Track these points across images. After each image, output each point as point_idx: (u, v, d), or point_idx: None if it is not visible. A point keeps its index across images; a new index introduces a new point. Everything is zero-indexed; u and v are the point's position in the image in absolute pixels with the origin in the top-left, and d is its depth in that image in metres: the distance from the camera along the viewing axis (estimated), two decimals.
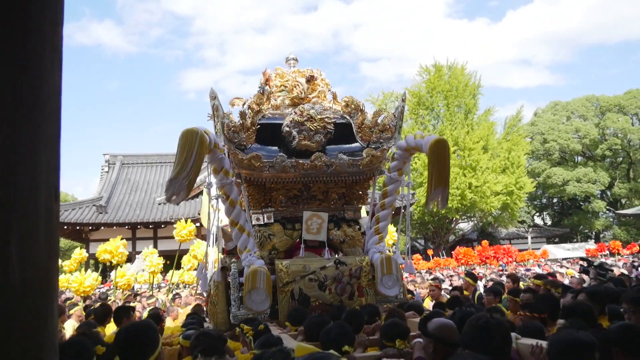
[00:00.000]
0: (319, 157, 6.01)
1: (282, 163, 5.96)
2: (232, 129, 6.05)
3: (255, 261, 5.64)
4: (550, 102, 49.58)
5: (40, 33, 1.05)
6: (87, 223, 27.13)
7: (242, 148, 6.09)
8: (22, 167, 1.01)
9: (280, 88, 6.62)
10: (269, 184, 6.26)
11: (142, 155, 36.09)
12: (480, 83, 36.30)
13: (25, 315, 1.02)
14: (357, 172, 6.23)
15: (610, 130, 45.02)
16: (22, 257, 1.00)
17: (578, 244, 39.90)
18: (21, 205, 1.00)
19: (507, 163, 33.73)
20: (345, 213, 6.57)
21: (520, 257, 26.76)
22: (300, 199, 6.41)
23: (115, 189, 31.39)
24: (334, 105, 6.69)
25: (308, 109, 6.18)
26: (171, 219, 27.83)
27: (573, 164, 45.82)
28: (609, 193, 46.69)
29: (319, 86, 6.72)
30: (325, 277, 5.73)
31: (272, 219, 6.29)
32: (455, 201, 31.52)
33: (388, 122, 6.55)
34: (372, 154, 6.15)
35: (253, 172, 5.98)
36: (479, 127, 34.10)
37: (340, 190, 6.57)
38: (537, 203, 50.59)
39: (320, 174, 6.15)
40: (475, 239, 40.36)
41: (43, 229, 1.04)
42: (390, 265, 5.83)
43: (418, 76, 37.12)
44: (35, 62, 1.05)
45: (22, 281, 1.01)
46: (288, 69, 6.96)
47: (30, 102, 1.02)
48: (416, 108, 35.93)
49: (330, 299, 5.68)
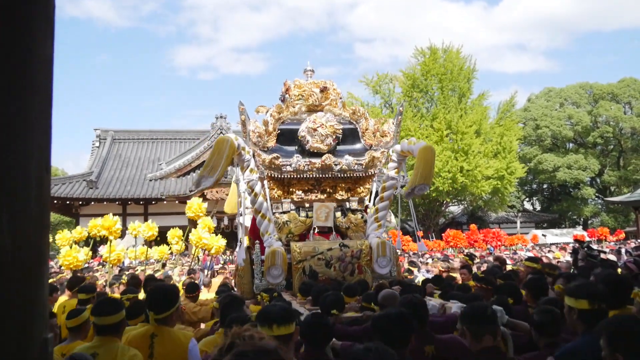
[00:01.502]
0: (328, 158, 7.34)
1: (298, 162, 7.31)
2: (257, 134, 7.36)
3: (274, 243, 6.93)
4: (544, 89, 49.65)
5: (32, 3, 1.03)
6: (77, 198, 27.02)
7: (265, 150, 7.40)
8: (13, 138, 1.00)
9: (298, 97, 7.75)
10: (287, 180, 7.55)
11: (134, 131, 35.86)
12: (475, 67, 36.24)
13: (16, 287, 1.02)
14: (360, 170, 7.51)
15: (602, 118, 45.21)
16: (13, 229, 0.99)
17: (566, 230, 40.30)
18: (12, 176, 0.99)
19: (499, 148, 33.80)
20: (350, 204, 7.89)
21: (509, 242, 27.01)
22: (313, 191, 7.73)
23: (106, 165, 31.23)
24: (343, 112, 7.86)
25: (320, 117, 7.43)
26: (162, 195, 27.78)
27: (564, 151, 46.06)
28: (599, 180, 47.06)
29: (331, 95, 7.86)
30: (331, 257, 6.93)
31: (289, 208, 7.69)
32: (446, 184, 31.63)
33: (388, 129, 7.83)
34: (373, 155, 7.50)
35: (274, 169, 7.32)
36: (473, 112, 34.09)
37: (347, 185, 7.84)
38: (527, 188, 50.92)
39: (330, 172, 7.42)
40: (465, 222, 40.65)
41: (34, 200, 1.03)
42: (385, 248, 7.06)
43: (413, 58, 36.96)
44: (27, 32, 1.02)
45: (13, 254, 1.00)
46: (305, 79, 8.13)
47: (21, 72, 1.01)
48: (410, 90, 35.82)
49: (335, 275, 6.87)
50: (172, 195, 27.71)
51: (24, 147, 1.02)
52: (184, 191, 27.92)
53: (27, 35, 1.04)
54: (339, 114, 7.75)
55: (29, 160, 1.03)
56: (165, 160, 31.95)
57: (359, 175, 7.56)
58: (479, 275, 5.95)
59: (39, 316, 1.05)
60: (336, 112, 7.74)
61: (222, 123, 31.66)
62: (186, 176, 30.41)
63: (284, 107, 7.64)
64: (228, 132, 31.35)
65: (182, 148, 34.07)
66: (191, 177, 30.20)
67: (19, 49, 1.02)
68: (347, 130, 7.72)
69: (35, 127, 1.03)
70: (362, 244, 7.13)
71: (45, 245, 1.08)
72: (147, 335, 3.45)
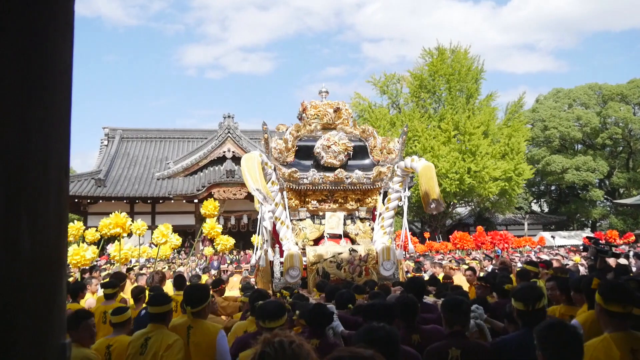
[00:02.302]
0: (340, 172, 8.31)
1: (314, 176, 8.31)
2: (278, 151, 8.30)
3: (292, 247, 7.90)
4: (552, 89, 49.37)
5: (52, 10, 1.04)
6: (85, 196, 27.13)
7: (285, 164, 8.35)
8: (34, 143, 1.01)
9: (314, 116, 8.69)
10: (303, 191, 8.51)
11: (142, 130, 36.00)
12: (483, 68, 36.11)
13: (35, 290, 1.03)
14: (368, 183, 8.47)
15: (611, 119, 44.88)
16: (33, 232, 1.00)
17: (574, 232, 40.07)
18: (32, 180, 1.00)
19: (507, 149, 33.67)
20: (359, 213, 8.79)
21: (517, 243, 26.87)
22: (326, 201, 8.65)
23: (114, 163, 31.36)
24: (354, 131, 8.74)
25: (334, 135, 8.35)
26: (169, 194, 27.87)
27: (573, 152, 45.78)
28: (608, 182, 46.72)
29: (343, 115, 8.76)
30: (341, 260, 7.80)
31: (305, 216, 8.62)
32: (453, 185, 31.54)
33: (393, 147, 8.77)
34: (380, 170, 8.47)
35: (292, 182, 8.32)
36: (480, 112, 33.97)
37: (356, 196, 8.73)
38: (535, 190, 50.66)
39: (341, 184, 8.39)
40: (472, 223, 40.50)
41: (53, 205, 1.04)
42: (389, 253, 7.90)
43: (421, 59, 36.90)
44: (47, 38, 1.04)
45: (32, 257, 1.01)
46: (320, 100, 9.09)
47: (42, 77, 1.02)
48: (418, 91, 35.75)
49: (345, 276, 7.68)
50: (180, 195, 27.79)
51: (43, 152, 1.03)
52: (192, 190, 27.99)
53: (47, 42, 1.05)
54: (350, 132, 8.67)
55: (48, 164, 1.04)
56: (172, 160, 32.04)
57: (368, 187, 8.54)
58: (480, 276, 6.81)
59: (57, 321, 1.06)
60: (347, 131, 8.66)
61: (229, 122, 31.70)
62: (194, 175, 30.48)
63: (302, 126, 8.59)
64: (236, 131, 31.41)
65: (189, 147, 34.15)
66: (198, 176, 30.28)
67: (39, 55, 1.03)
68: (357, 147, 8.63)
69: (54, 132, 1.04)
70: (369, 248, 8.02)
71: (64, 249, 1.09)
72: (184, 326, 4.12)
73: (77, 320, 3.95)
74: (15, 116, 0.97)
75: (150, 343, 3.84)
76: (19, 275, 0.98)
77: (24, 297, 1.01)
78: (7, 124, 0.98)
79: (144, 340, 3.87)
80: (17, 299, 1.00)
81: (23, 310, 1.01)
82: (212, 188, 27.27)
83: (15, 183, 0.98)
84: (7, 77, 0.99)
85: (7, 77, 0.99)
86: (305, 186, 8.37)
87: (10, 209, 0.98)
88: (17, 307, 1.00)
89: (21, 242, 0.99)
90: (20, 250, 0.99)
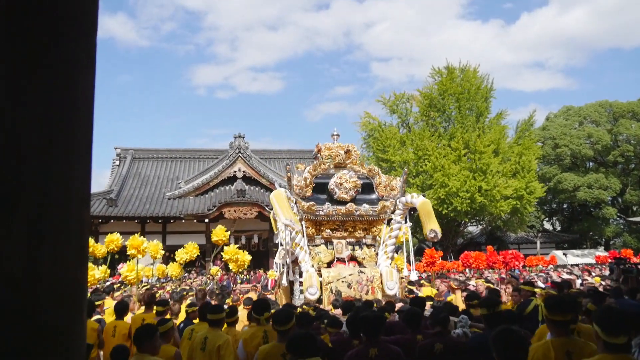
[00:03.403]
0: (351, 205, 9.66)
1: (328, 208, 9.70)
2: (299, 187, 9.69)
3: (309, 268, 9.14)
4: (562, 107, 49.27)
5: (76, 45, 1.07)
6: (97, 216, 27.28)
7: (304, 198, 9.66)
8: (56, 175, 1.03)
9: (328, 157, 10.08)
10: (319, 221, 9.84)
11: (153, 150, 36.30)
12: (493, 86, 36.15)
13: (55, 318, 1.04)
14: (374, 215, 9.83)
15: (623, 137, 44.62)
16: (54, 261, 1.02)
17: (588, 250, 39.63)
18: (54, 212, 1.03)
19: (518, 167, 33.52)
20: (366, 240, 10.10)
21: (528, 262, 26.54)
22: (338, 230, 9.94)
23: (125, 183, 31.58)
24: (362, 170, 10.12)
25: (345, 174, 9.72)
26: (180, 214, 27.97)
27: (584, 170, 45.48)
28: (620, 200, 46.28)
29: (352, 155, 10.17)
30: (351, 280, 9.04)
31: (320, 242, 9.89)
32: (464, 204, 31.40)
33: (395, 184, 10.09)
34: (384, 204, 9.83)
35: (310, 213, 9.65)
36: (490, 131, 33.93)
37: (363, 226, 10.08)
38: (547, 208, 50.26)
39: (351, 216, 9.73)
40: (483, 242, 40.20)
41: (74, 236, 1.06)
42: (392, 275, 9.20)
43: (430, 78, 37.03)
44: (70, 71, 1.07)
45: (53, 285, 1.03)
46: (333, 142, 10.49)
47: (64, 110, 1.05)
48: (427, 110, 35.81)
49: (354, 294, 8.80)
50: (190, 214, 27.88)
51: (65, 183, 1.06)
52: (202, 210, 28.08)
53: (71, 74, 1.08)
54: (358, 171, 10.04)
55: (70, 194, 1.06)
56: (183, 179, 32.23)
57: (373, 218, 9.91)
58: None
59: (76, 349, 1.07)
60: (356, 169, 10.03)
61: (240, 142, 31.87)
62: (204, 195, 30.61)
63: (317, 165, 9.98)
64: (246, 151, 31.57)
65: (200, 167, 34.36)
66: (209, 196, 30.39)
67: (62, 87, 1.06)
68: (365, 184, 10.01)
69: (76, 165, 1.06)
70: (375, 271, 9.34)
71: (85, 278, 1.11)
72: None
73: (151, 332, 4.62)
74: (39, 150, 1.00)
75: (209, 341, 5.07)
76: (38, 305, 1.00)
77: (44, 324, 1.02)
78: (32, 157, 1.01)
79: (204, 338, 5.14)
80: (36, 330, 1.02)
81: (43, 337, 1.02)
82: (222, 208, 27.34)
83: (37, 214, 1.00)
84: (32, 113, 1.02)
85: (32, 113, 1.02)
86: (320, 217, 9.72)
87: (32, 238, 1.00)
88: (35, 340, 1.01)
89: (42, 270, 1.01)
90: (41, 278, 1.01)
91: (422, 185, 33.04)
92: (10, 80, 0.99)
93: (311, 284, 8.79)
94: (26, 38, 1.02)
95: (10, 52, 0.99)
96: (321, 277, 9.12)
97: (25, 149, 1.00)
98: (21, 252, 1.00)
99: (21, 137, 1.00)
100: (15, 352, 0.97)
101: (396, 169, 34.19)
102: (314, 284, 8.81)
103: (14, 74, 1.00)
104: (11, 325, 0.97)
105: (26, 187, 1.01)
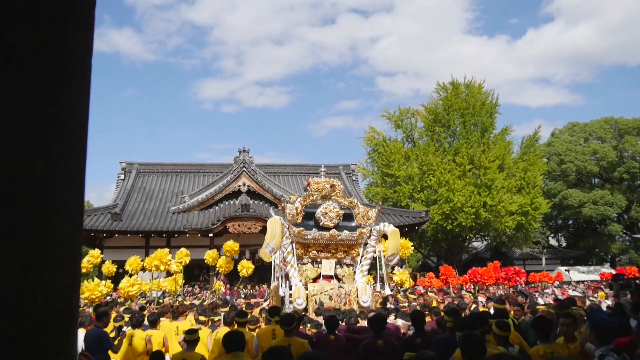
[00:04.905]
0: (334, 231, 11.38)
1: (315, 233, 11.35)
2: (291, 215, 11.37)
3: (298, 283, 10.82)
4: (568, 123, 49.26)
5: (70, 62, 1.07)
6: (101, 230, 27.29)
7: (295, 224, 11.33)
8: (49, 195, 1.04)
9: (315, 190, 11.65)
10: (307, 243, 11.48)
11: (158, 164, 36.41)
12: (498, 102, 36.20)
13: (45, 341, 1.04)
14: (353, 240, 11.58)
15: (628, 153, 44.51)
16: (46, 284, 1.02)
17: (593, 267, 39.33)
18: (47, 236, 1.03)
19: (523, 183, 33.46)
20: (345, 260, 11.74)
21: (531, 278, 26.24)
22: (323, 251, 11.56)
23: (130, 197, 31.64)
24: (344, 201, 11.86)
25: (330, 205, 11.45)
26: (184, 228, 27.96)
27: (590, 186, 45.33)
28: (626, 216, 46.03)
29: (337, 189, 11.79)
30: (332, 293, 10.68)
31: (307, 261, 11.49)
32: (469, 219, 31.31)
33: (371, 215, 11.85)
34: (361, 231, 11.54)
35: (299, 237, 11.30)
36: (495, 146, 33.93)
37: (344, 248, 11.72)
38: (552, 224, 50.03)
39: (334, 240, 11.44)
40: (488, 258, 39.94)
41: (66, 257, 1.06)
42: (366, 290, 10.84)
43: (435, 93, 37.16)
44: (65, 92, 1.07)
45: (44, 309, 1.03)
46: (321, 178, 12.11)
47: (58, 133, 1.05)
48: (432, 125, 35.88)
49: (334, 305, 10.35)
50: (195, 228, 27.85)
51: (58, 205, 1.06)
52: (207, 224, 28.06)
53: (65, 95, 1.08)
54: (341, 202, 11.72)
55: (63, 218, 1.06)
56: (188, 193, 32.25)
57: (352, 242, 11.58)
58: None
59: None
60: (339, 201, 11.72)
61: (245, 157, 31.93)
62: (209, 209, 30.61)
63: (307, 197, 11.63)
64: (251, 165, 31.61)
65: (205, 181, 34.41)
66: (214, 210, 30.40)
67: (57, 109, 1.07)
68: (346, 213, 11.67)
69: (68, 186, 1.07)
70: (353, 286, 10.97)
71: (77, 301, 1.11)
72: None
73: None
74: (30, 169, 1.00)
75: (293, 350, 5.77)
76: (30, 326, 0.99)
77: (35, 346, 1.02)
78: (23, 177, 1.01)
79: (288, 345, 5.95)
80: (28, 345, 1.01)
81: (34, 355, 1.02)
82: (227, 222, 27.32)
83: (31, 239, 1.00)
84: (22, 126, 1.02)
85: (22, 126, 1.02)
86: (308, 240, 11.34)
87: (24, 260, 1.00)
88: (28, 353, 1.01)
89: (33, 294, 1.00)
90: (33, 300, 1.01)
91: (427, 200, 32.99)
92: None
93: (299, 296, 10.36)
94: (15, 41, 1.02)
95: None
96: (307, 290, 10.67)
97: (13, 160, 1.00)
98: (12, 276, 1.00)
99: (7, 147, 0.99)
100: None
101: (400, 183, 34.18)
102: (301, 295, 10.37)
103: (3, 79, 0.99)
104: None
105: (18, 209, 1.01)
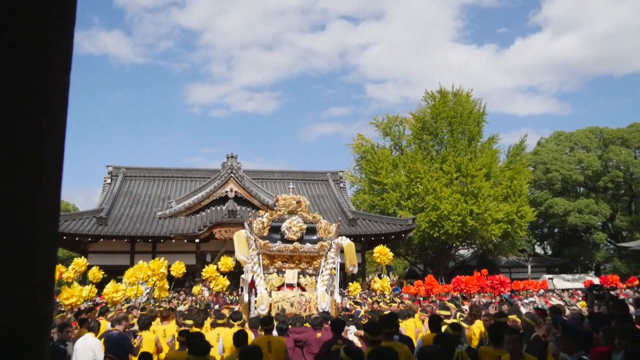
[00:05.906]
0: (297, 244, 12.16)
1: (280, 245, 12.15)
2: (258, 229, 12.15)
3: (263, 291, 11.60)
4: (554, 132, 49.81)
5: (47, 78, 1.06)
6: (86, 234, 27.05)
7: (262, 237, 12.08)
8: (23, 210, 1.02)
9: (282, 205, 12.59)
10: (273, 255, 12.27)
11: (145, 169, 36.24)
12: (485, 110, 36.51)
13: (17, 351, 1.03)
14: (315, 252, 12.31)
15: (612, 163, 45.06)
16: (17, 297, 1.01)
17: (578, 275, 39.67)
18: (19, 244, 1.02)
19: (509, 191, 33.72)
20: (308, 270, 12.50)
21: (515, 286, 26.21)
22: (287, 262, 12.43)
23: (116, 201, 31.44)
24: (308, 216, 12.65)
25: (294, 220, 12.32)
26: (170, 234, 27.81)
27: (575, 195, 45.81)
28: (610, 225, 46.54)
29: (302, 205, 12.70)
30: (294, 301, 11.54)
31: (273, 271, 12.30)
32: (455, 227, 31.46)
33: (332, 229, 12.56)
34: (322, 244, 12.27)
35: (265, 249, 12.09)
36: (482, 155, 34.19)
37: (307, 260, 12.51)
38: (538, 232, 50.43)
39: (298, 252, 12.24)
40: (475, 265, 40.16)
41: (40, 269, 1.04)
42: (324, 298, 11.58)
43: (423, 101, 37.40)
44: (39, 106, 1.06)
45: (15, 320, 1.01)
46: (288, 194, 13.08)
47: (29, 151, 1.04)
48: (420, 133, 36.08)
49: (295, 310, 11.09)
50: (181, 234, 27.71)
51: (32, 217, 1.05)
52: (193, 230, 27.94)
53: (40, 110, 1.07)
54: (305, 217, 12.56)
55: (36, 228, 1.05)
56: (175, 199, 32.11)
57: (314, 254, 12.34)
58: None
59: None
60: (304, 216, 12.55)
61: (232, 162, 31.87)
62: (195, 215, 30.49)
63: (274, 212, 12.67)
64: (238, 171, 31.56)
65: (192, 186, 34.28)
66: (200, 215, 30.29)
67: (30, 121, 1.06)
68: (309, 227, 12.42)
69: (43, 202, 1.06)
70: (313, 294, 11.78)
71: (50, 314, 1.10)
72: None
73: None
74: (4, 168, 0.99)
75: (272, 345, 6.58)
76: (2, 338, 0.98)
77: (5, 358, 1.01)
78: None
79: (267, 343, 6.53)
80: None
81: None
82: (213, 228, 27.22)
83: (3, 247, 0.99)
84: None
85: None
86: (274, 252, 12.12)
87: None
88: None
89: (2, 304, 0.99)
90: (3, 312, 1.00)
91: (414, 208, 33.12)
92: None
93: (262, 302, 11.23)
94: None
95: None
96: (271, 297, 11.50)
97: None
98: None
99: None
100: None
101: (388, 191, 34.28)
102: (264, 302, 11.24)
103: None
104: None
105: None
